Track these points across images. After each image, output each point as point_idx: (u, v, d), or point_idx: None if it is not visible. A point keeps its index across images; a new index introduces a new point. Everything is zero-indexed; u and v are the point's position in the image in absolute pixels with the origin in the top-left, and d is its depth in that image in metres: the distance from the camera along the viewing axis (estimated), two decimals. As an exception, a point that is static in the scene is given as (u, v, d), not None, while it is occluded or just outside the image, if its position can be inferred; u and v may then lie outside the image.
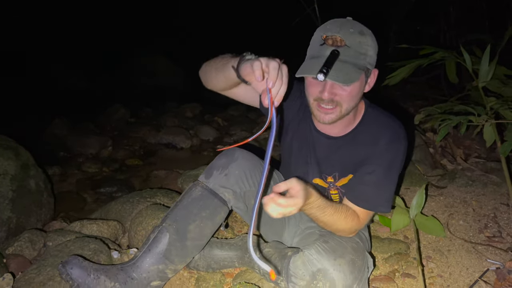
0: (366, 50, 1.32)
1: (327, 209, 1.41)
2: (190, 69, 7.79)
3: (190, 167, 3.00)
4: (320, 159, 1.61)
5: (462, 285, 1.69)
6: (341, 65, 1.27)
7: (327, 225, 1.48)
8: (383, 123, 1.51)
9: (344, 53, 1.28)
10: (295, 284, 1.46)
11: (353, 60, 1.29)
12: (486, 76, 2.24)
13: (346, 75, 1.27)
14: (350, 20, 1.35)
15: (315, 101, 1.39)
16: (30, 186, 2.43)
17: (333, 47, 1.28)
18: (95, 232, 2.00)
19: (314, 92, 1.37)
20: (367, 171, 1.50)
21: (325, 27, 1.34)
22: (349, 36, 1.29)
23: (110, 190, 3.25)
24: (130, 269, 1.49)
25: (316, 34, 1.37)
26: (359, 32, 1.31)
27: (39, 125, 4.55)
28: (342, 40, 1.29)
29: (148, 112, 5.67)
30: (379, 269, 1.85)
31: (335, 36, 1.29)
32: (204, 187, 1.56)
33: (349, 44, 1.29)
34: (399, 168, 1.51)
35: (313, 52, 1.34)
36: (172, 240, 1.50)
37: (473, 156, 2.99)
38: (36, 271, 1.57)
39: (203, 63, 1.52)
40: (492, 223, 2.05)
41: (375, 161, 1.48)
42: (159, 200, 2.28)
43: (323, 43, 1.31)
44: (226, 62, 1.33)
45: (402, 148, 1.49)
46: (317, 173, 1.65)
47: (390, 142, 1.47)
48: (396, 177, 1.52)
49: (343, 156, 1.56)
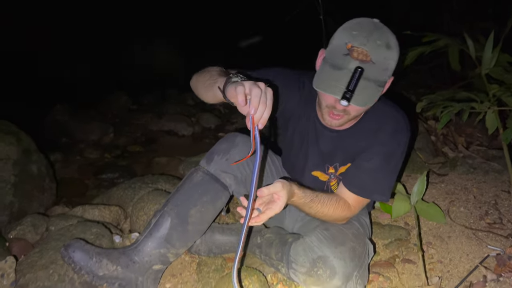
0: (389, 64, 1.27)
1: (312, 204, 1.43)
2: (191, 56, 7.74)
3: (192, 154, 3.01)
4: (324, 152, 1.61)
5: (462, 270, 1.70)
6: (364, 83, 1.23)
7: (316, 217, 1.50)
8: (387, 113, 1.49)
9: (368, 70, 1.23)
10: (295, 271, 1.47)
11: (376, 77, 1.26)
12: (489, 63, 2.23)
13: (367, 96, 1.25)
14: (377, 26, 1.28)
15: (327, 108, 1.38)
16: (32, 171, 2.44)
17: (358, 61, 1.23)
18: (97, 217, 2.01)
19: (329, 100, 1.35)
20: (365, 159, 1.50)
21: (351, 32, 1.26)
22: (375, 51, 1.23)
23: (111, 176, 3.26)
24: (132, 252, 1.50)
25: (339, 36, 1.29)
26: (386, 46, 1.25)
27: (40, 111, 4.55)
28: (368, 55, 1.23)
29: (149, 99, 5.66)
30: (379, 255, 1.86)
31: (361, 49, 1.23)
32: (205, 172, 1.56)
33: (375, 60, 1.24)
34: (399, 159, 1.50)
35: (336, 61, 1.27)
36: (174, 225, 1.50)
37: (475, 144, 2.99)
38: (38, 254, 1.58)
39: (194, 75, 1.51)
40: (492, 210, 2.05)
41: (375, 149, 1.48)
42: (161, 186, 2.29)
43: (347, 54, 1.25)
44: (214, 82, 1.31)
45: (404, 139, 1.48)
46: (319, 166, 1.66)
47: (392, 133, 1.47)
48: (397, 169, 1.52)
49: (346, 147, 1.55)
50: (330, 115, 1.39)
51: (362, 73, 1.22)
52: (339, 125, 1.44)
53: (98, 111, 4.94)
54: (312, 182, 1.69)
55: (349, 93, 1.20)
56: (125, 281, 1.48)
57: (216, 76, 1.34)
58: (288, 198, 1.30)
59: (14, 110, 3.68)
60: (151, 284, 1.54)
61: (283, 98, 1.56)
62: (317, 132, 1.58)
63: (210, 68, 1.47)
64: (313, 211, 1.45)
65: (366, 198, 1.53)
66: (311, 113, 1.57)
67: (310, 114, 1.57)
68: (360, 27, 1.27)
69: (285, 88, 1.55)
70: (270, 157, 1.75)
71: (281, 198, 1.28)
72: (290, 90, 1.57)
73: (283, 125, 1.68)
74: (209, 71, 1.43)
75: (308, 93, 1.55)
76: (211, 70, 1.44)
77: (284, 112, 1.61)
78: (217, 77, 1.32)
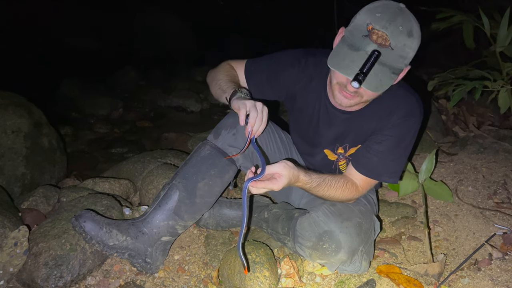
0: (408, 53, 1.24)
1: (319, 188, 1.42)
2: (201, 31, 7.65)
3: (200, 130, 3.02)
4: (336, 134, 1.60)
5: (468, 248, 1.71)
6: (378, 68, 1.21)
7: (323, 198, 1.50)
8: (400, 96, 1.46)
9: (385, 55, 1.21)
10: (301, 245, 1.49)
11: (391, 64, 1.23)
12: (504, 40, 2.18)
13: (380, 81, 1.23)
14: (402, 11, 1.23)
15: (337, 84, 1.36)
16: (43, 143, 2.47)
17: (376, 45, 1.21)
18: (107, 190, 2.04)
19: (341, 78, 1.32)
20: (376, 141, 1.49)
21: (375, 13, 1.23)
22: (396, 36, 1.20)
23: (121, 150, 3.29)
24: (141, 224, 1.53)
25: (362, 16, 1.26)
26: (407, 33, 1.21)
27: (50, 85, 4.57)
28: (387, 40, 1.20)
29: (158, 75, 5.65)
30: (385, 232, 1.87)
31: (381, 33, 1.20)
32: (212, 146, 1.57)
33: (394, 45, 1.21)
34: (410, 142, 1.49)
35: (354, 40, 1.25)
36: (182, 197, 1.52)
37: (486, 123, 2.96)
38: (51, 224, 1.62)
39: (210, 72, 1.71)
40: (501, 190, 2.05)
41: (386, 132, 1.47)
42: (170, 160, 2.31)
43: (366, 35, 1.22)
44: (222, 92, 1.52)
45: (417, 123, 1.46)
46: (329, 145, 1.65)
47: (405, 116, 1.44)
48: (407, 152, 1.51)
49: (358, 129, 1.54)
50: (340, 91, 1.36)
51: (379, 57, 1.19)
52: (349, 105, 1.40)
53: (106, 86, 4.94)
54: (322, 159, 1.69)
55: (362, 75, 1.18)
56: (134, 251, 1.51)
57: (225, 86, 1.53)
58: (290, 181, 1.30)
59: (24, 84, 3.70)
60: (160, 255, 1.57)
61: (283, 79, 1.58)
62: (329, 114, 1.56)
63: (222, 69, 1.65)
64: (320, 194, 1.45)
65: (374, 179, 1.53)
66: (322, 92, 1.55)
67: (321, 93, 1.56)
68: (384, 10, 1.23)
69: (285, 69, 1.57)
70: (278, 134, 1.75)
71: (282, 178, 1.27)
72: (291, 69, 1.56)
73: (290, 105, 1.68)
74: (219, 78, 1.59)
75: (315, 72, 1.54)
76: (221, 76, 1.60)
77: (289, 92, 1.61)
78: (226, 87, 1.52)
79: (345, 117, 1.53)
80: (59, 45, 6.47)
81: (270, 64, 1.60)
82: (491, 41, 2.25)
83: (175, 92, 4.73)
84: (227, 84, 1.53)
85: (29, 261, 1.50)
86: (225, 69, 1.64)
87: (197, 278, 1.61)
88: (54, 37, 6.66)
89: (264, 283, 1.45)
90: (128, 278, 1.56)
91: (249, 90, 1.56)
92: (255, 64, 1.64)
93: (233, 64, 1.68)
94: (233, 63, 1.68)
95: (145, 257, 1.53)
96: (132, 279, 1.55)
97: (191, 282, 1.59)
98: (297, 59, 1.56)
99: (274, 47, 1.52)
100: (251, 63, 1.65)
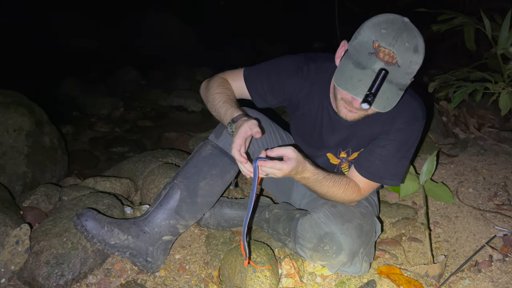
0: (414, 69, 1.23)
1: (324, 182, 1.42)
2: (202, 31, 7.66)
3: (201, 130, 3.02)
4: (339, 140, 1.60)
5: (468, 250, 1.71)
6: (386, 86, 1.19)
7: (326, 196, 1.49)
8: (404, 101, 1.41)
9: (392, 72, 1.19)
10: (302, 246, 1.49)
11: (398, 81, 1.22)
12: (505, 43, 2.19)
13: (387, 100, 1.22)
14: (407, 26, 1.21)
15: (342, 100, 1.35)
16: (45, 142, 2.47)
17: (383, 63, 1.19)
18: (108, 189, 2.05)
19: (345, 95, 1.31)
20: (379, 145, 1.49)
21: (380, 29, 1.20)
22: (403, 54, 1.19)
23: (122, 149, 3.30)
24: (142, 223, 1.53)
25: (367, 32, 1.22)
26: (413, 49, 1.20)
27: (52, 85, 4.58)
28: (394, 57, 1.19)
29: (159, 74, 5.66)
30: (386, 233, 1.88)
31: (388, 50, 1.18)
32: (214, 146, 1.57)
33: (400, 63, 1.19)
34: (413, 146, 1.49)
35: (360, 58, 1.22)
36: (183, 197, 1.52)
37: (487, 125, 2.96)
38: (52, 222, 1.62)
39: (203, 84, 1.66)
40: (502, 192, 2.05)
41: (390, 136, 1.47)
42: (171, 160, 2.31)
43: (373, 52, 1.20)
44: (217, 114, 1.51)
45: (420, 127, 1.47)
46: (332, 149, 1.65)
47: (409, 121, 1.45)
48: (410, 155, 1.51)
49: (362, 134, 1.54)
50: (346, 107, 1.36)
51: (386, 76, 1.18)
52: (354, 119, 1.40)
53: (107, 86, 4.96)
54: (324, 163, 1.69)
55: (371, 96, 1.16)
56: (135, 250, 1.52)
57: (219, 108, 1.50)
58: (298, 166, 1.28)
59: (25, 83, 3.71)
60: (161, 254, 1.58)
61: (287, 87, 1.56)
62: (332, 121, 1.56)
63: (214, 86, 1.57)
64: (324, 190, 1.45)
65: (377, 182, 1.53)
66: (324, 99, 1.54)
67: (323, 100, 1.54)
68: (389, 26, 1.21)
69: (289, 77, 1.55)
70: (279, 134, 1.75)
71: (290, 161, 1.25)
72: (294, 77, 1.55)
73: (293, 110, 1.67)
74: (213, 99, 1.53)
75: (316, 78, 1.53)
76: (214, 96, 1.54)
77: (293, 100, 1.60)
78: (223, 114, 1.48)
79: (349, 124, 1.51)
80: (61, 44, 6.48)
81: (271, 72, 1.57)
82: (492, 43, 2.26)
83: (176, 91, 4.74)
84: (222, 108, 1.49)
85: (31, 259, 1.50)
86: (217, 85, 1.57)
87: (198, 277, 1.61)
88: (55, 37, 6.67)
89: (264, 283, 1.45)
90: (129, 277, 1.57)
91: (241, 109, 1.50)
92: (255, 72, 1.59)
93: (227, 76, 1.62)
94: (227, 75, 1.63)
95: (146, 256, 1.54)
96: (133, 278, 1.56)
97: (192, 281, 1.59)
98: (299, 66, 1.54)
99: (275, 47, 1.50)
100: (250, 71, 1.60)
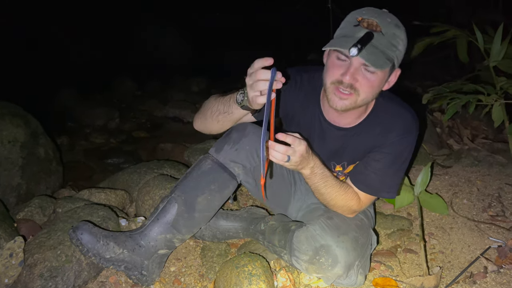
0: (398, 43, 1.27)
1: (329, 179, 1.42)
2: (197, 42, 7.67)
3: (197, 141, 3.01)
4: (331, 150, 1.60)
5: (463, 261, 1.72)
6: (373, 49, 1.22)
7: (327, 198, 1.49)
8: (396, 113, 1.47)
9: (377, 39, 1.23)
10: (297, 258, 1.49)
11: (384, 49, 1.25)
12: (497, 55, 2.22)
13: (377, 59, 1.23)
14: (386, 12, 1.31)
15: (332, 84, 1.33)
16: (40, 154, 2.46)
17: (368, 30, 1.24)
18: (103, 201, 2.04)
19: (335, 73, 1.31)
20: (374, 158, 1.50)
21: (361, 11, 1.29)
22: (386, 25, 1.25)
23: (117, 161, 3.29)
24: (138, 236, 1.53)
25: (350, 16, 1.32)
26: (395, 24, 1.27)
27: (47, 95, 4.57)
28: (378, 26, 1.24)
29: (154, 85, 5.67)
30: (381, 244, 1.88)
31: (371, 20, 1.25)
32: (214, 161, 1.56)
33: (384, 32, 1.24)
34: (407, 158, 1.50)
35: (345, 31, 1.28)
36: (180, 211, 1.52)
37: (480, 137, 2.99)
38: (46, 235, 1.61)
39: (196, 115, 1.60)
40: (496, 203, 2.06)
41: (384, 150, 1.48)
42: (166, 171, 2.31)
43: (357, 24, 1.26)
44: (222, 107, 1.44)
45: (413, 140, 1.48)
46: (326, 161, 1.65)
47: (402, 134, 1.46)
48: (405, 167, 1.52)
49: (354, 146, 1.55)
50: (336, 92, 1.32)
51: (372, 37, 1.22)
52: (345, 108, 1.34)
53: (103, 96, 4.96)
54: None
55: (359, 44, 1.18)
56: (131, 264, 1.51)
57: (220, 102, 1.45)
58: (307, 157, 1.28)
59: (20, 94, 3.70)
60: (156, 267, 1.57)
61: (287, 101, 1.55)
62: (324, 131, 1.55)
63: (208, 102, 1.54)
64: (327, 190, 1.44)
65: (373, 195, 1.54)
66: (315, 109, 1.55)
67: (315, 110, 1.55)
68: (370, 9, 1.30)
69: (284, 90, 1.50)
70: None
71: (300, 146, 1.23)
72: (289, 89, 1.54)
73: (288, 120, 1.66)
74: (211, 104, 1.50)
75: (309, 87, 1.54)
76: (211, 101, 1.51)
77: (289, 111, 1.59)
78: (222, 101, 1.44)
79: (341, 134, 1.52)
80: (56, 55, 6.48)
81: None
82: (484, 56, 2.29)
83: (171, 102, 4.75)
84: (223, 98, 1.46)
85: (24, 272, 1.49)
86: (210, 99, 1.56)
87: (193, 290, 1.60)
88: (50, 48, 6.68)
89: (260, 295, 1.44)
90: (123, 290, 1.56)
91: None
92: None
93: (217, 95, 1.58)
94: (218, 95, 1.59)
95: (141, 270, 1.53)
96: (128, 291, 1.55)
97: (187, 294, 1.58)
98: (293, 78, 1.54)
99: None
100: None
